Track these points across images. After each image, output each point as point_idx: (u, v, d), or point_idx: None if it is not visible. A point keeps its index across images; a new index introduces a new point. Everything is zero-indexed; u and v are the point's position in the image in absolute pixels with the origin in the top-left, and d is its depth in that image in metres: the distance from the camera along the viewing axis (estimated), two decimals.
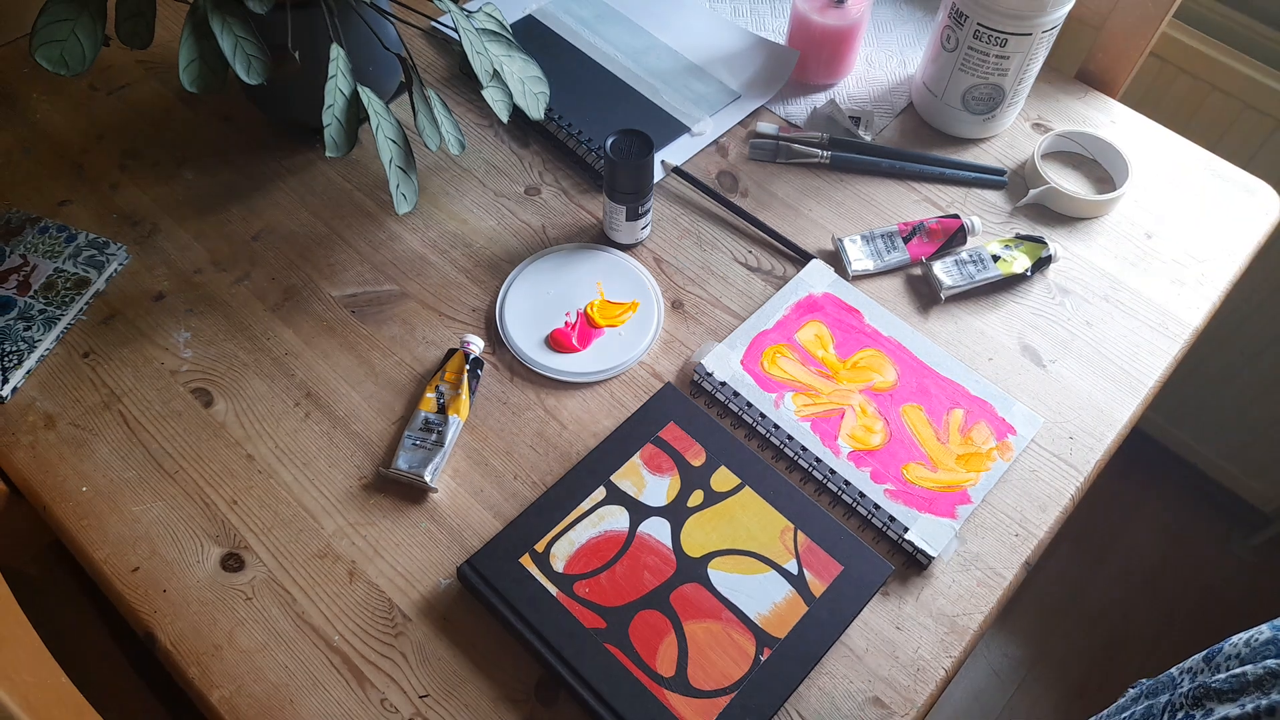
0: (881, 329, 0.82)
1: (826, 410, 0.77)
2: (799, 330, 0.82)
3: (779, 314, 0.82)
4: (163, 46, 0.99)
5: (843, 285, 0.85)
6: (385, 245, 0.88)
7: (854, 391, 0.79)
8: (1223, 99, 1.19)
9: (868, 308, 0.83)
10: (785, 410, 0.77)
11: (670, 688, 0.64)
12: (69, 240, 0.85)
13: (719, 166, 0.95)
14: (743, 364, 0.79)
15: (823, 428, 0.76)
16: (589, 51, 1.02)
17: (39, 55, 0.67)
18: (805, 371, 0.79)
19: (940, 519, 0.72)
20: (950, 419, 0.78)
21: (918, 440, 0.76)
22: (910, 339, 0.82)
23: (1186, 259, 0.90)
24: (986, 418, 0.78)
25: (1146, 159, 0.96)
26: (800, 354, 0.80)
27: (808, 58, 0.99)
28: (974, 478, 0.75)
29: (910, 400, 0.78)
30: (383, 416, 0.78)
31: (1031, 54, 0.89)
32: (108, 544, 0.71)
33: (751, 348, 0.80)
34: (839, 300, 0.83)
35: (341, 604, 0.69)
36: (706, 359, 0.79)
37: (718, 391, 0.77)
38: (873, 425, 0.77)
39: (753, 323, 0.82)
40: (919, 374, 0.80)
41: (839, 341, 0.81)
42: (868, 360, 0.80)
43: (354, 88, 0.76)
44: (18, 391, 0.77)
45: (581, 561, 0.69)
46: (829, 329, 0.82)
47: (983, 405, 0.78)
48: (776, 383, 0.78)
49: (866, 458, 0.75)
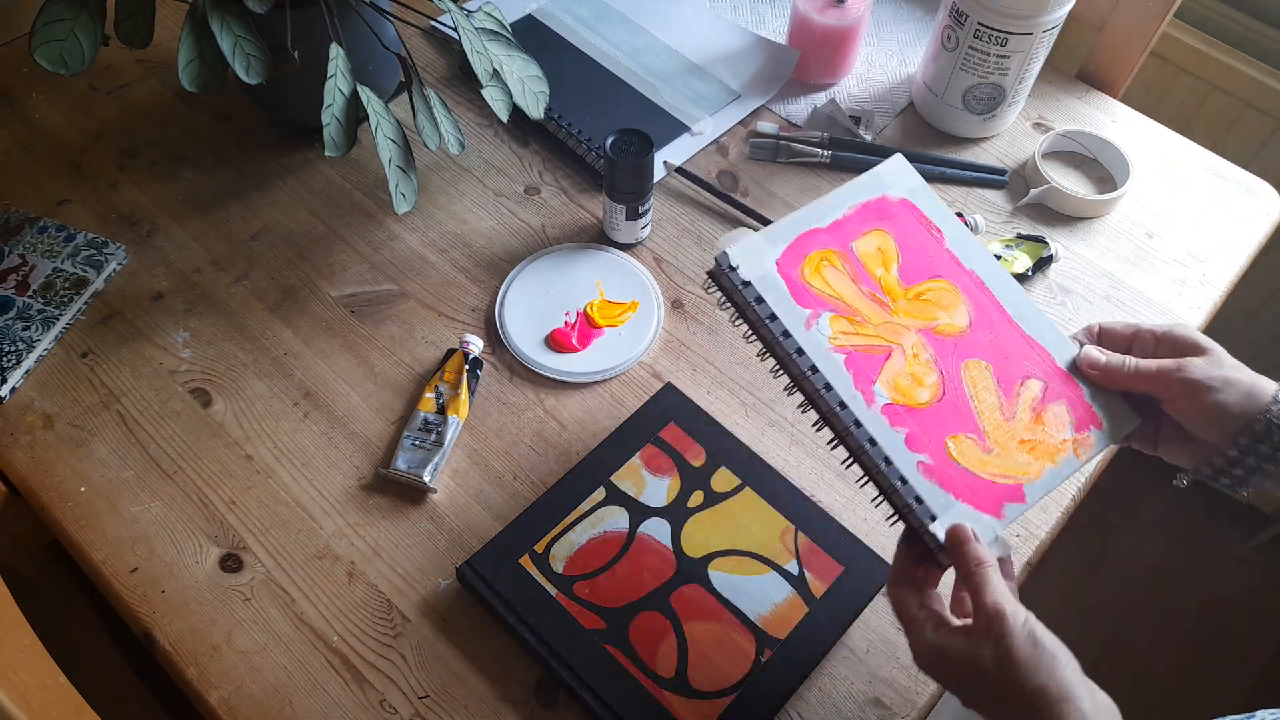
0: (964, 258, 0.65)
1: (870, 344, 0.61)
2: (860, 238, 0.64)
3: (839, 212, 0.64)
4: (162, 46, 0.98)
5: (928, 194, 0.67)
6: (384, 245, 0.88)
7: (910, 329, 0.62)
8: (1224, 98, 1.19)
9: (953, 229, 0.66)
10: (817, 333, 0.60)
11: (670, 689, 0.64)
12: (68, 240, 0.85)
13: (719, 166, 0.95)
14: (778, 265, 0.61)
15: (860, 365, 0.60)
16: (589, 51, 1.02)
17: (38, 55, 0.67)
18: (855, 291, 0.62)
19: (981, 514, 0.57)
20: (1024, 390, 0.62)
21: (976, 408, 0.61)
22: (998, 280, 0.65)
23: (1187, 259, 0.90)
24: (1070, 400, 0.62)
25: (1147, 158, 0.96)
26: (854, 267, 0.63)
27: (808, 57, 0.99)
28: (1036, 470, 0.59)
29: (979, 355, 0.62)
30: (382, 417, 0.78)
31: (1032, 53, 0.88)
32: (106, 544, 0.70)
33: (794, 247, 0.62)
34: (919, 212, 0.66)
35: (340, 605, 0.69)
36: (734, 248, 0.61)
37: (736, 291, 0.60)
38: (924, 376, 0.61)
39: (803, 216, 0.64)
40: (998, 325, 0.63)
41: (906, 263, 0.64)
42: (937, 293, 0.64)
43: (353, 87, 0.75)
44: (16, 391, 0.77)
45: (581, 562, 0.69)
46: (897, 244, 0.64)
47: (1069, 383, 0.62)
48: (815, 296, 0.61)
49: (906, 415, 0.59)
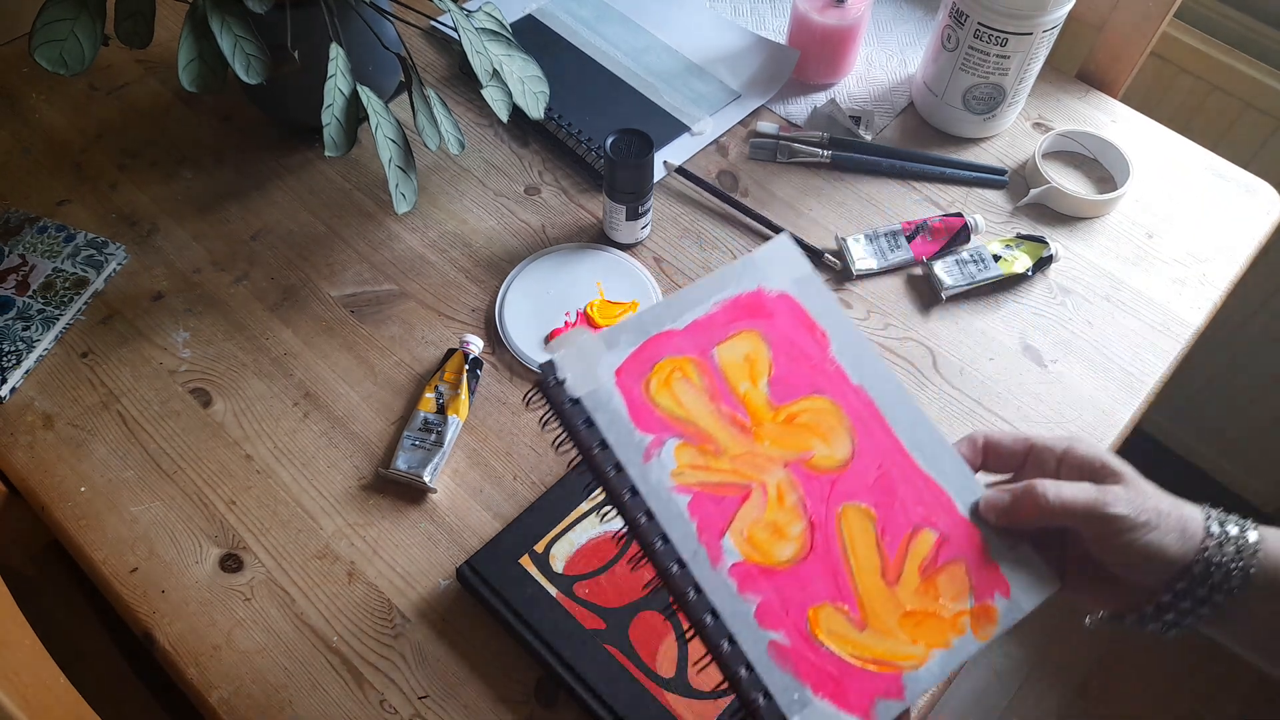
0: (853, 370, 0.52)
1: (724, 482, 0.48)
2: (725, 342, 0.51)
3: (701, 308, 0.52)
4: (162, 46, 0.98)
5: (815, 286, 0.54)
6: (384, 245, 0.88)
7: (777, 462, 0.50)
8: (1224, 99, 1.19)
9: (842, 332, 0.53)
10: (659, 467, 0.48)
11: (670, 689, 0.64)
12: (68, 240, 0.85)
13: (719, 166, 0.95)
14: (618, 376, 0.49)
15: (709, 510, 0.48)
16: (589, 51, 1.02)
17: (38, 55, 0.67)
18: (712, 411, 0.50)
19: (844, 715, 0.45)
20: (914, 545, 0.50)
21: (852, 568, 0.48)
22: (892, 398, 0.53)
23: (1188, 259, 0.90)
24: (971, 560, 0.50)
25: (1147, 159, 0.96)
26: (714, 380, 0.50)
27: (808, 57, 0.99)
28: (921, 655, 0.47)
29: (860, 498, 0.50)
30: (382, 417, 0.77)
31: (1032, 53, 0.88)
32: (106, 544, 0.70)
33: (640, 353, 0.50)
34: (800, 309, 0.53)
35: (340, 605, 0.69)
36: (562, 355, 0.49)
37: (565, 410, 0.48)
38: (788, 526, 0.48)
39: (655, 313, 0.51)
40: (888, 458, 0.51)
41: (780, 375, 0.52)
42: (814, 415, 0.51)
43: (353, 87, 0.75)
44: (16, 391, 0.77)
45: (581, 562, 0.68)
46: (771, 350, 0.52)
47: (972, 535, 0.50)
48: (661, 419, 0.49)
49: (761, 578, 0.47)
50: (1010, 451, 0.52)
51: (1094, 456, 0.50)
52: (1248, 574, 0.47)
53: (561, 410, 0.48)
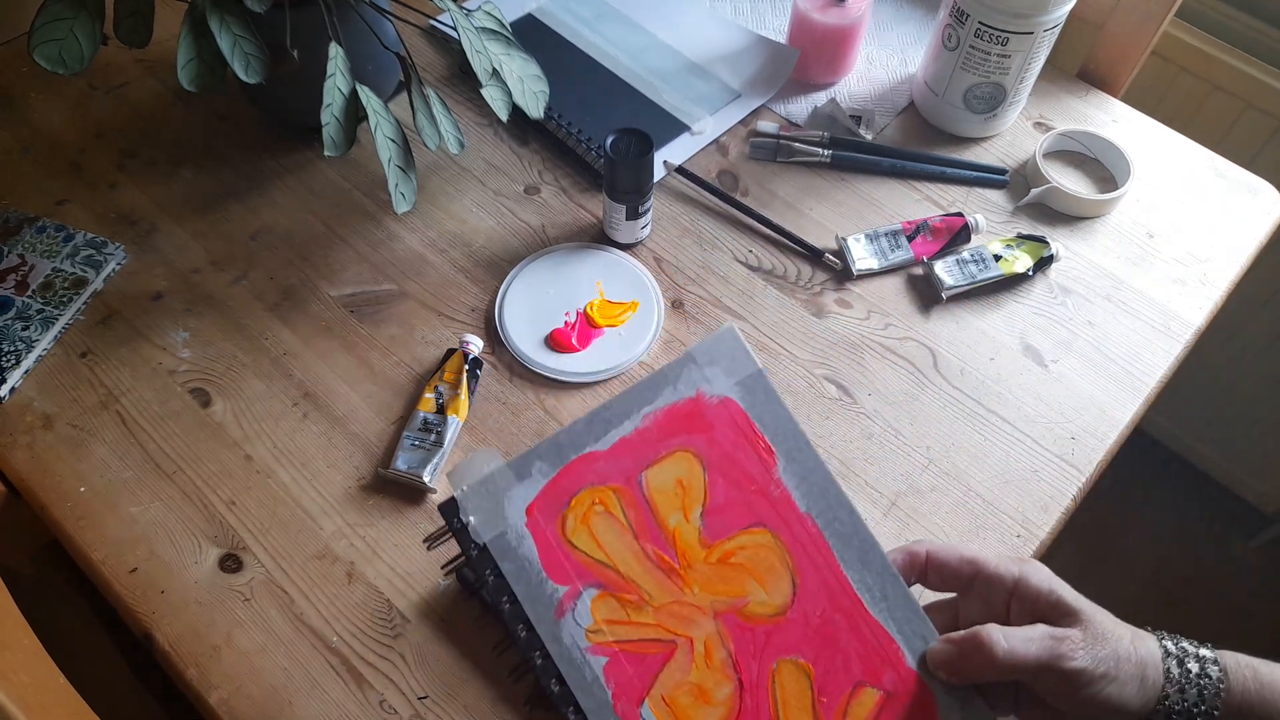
0: (798, 493, 0.46)
1: (646, 639, 0.44)
2: (654, 465, 0.46)
3: (629, 424, 0.46)
4: (161, 45, 0.98)
5: (762, 388, 0.48)
6: (384, 245, 0.88)
7: (707, 612, 0.44)
8: (1225, 98, 1.19)
9: (789, 445, 0.47)
10: (573, 624, 0.44)
11: None
12: (67, 240, 0.85)
13: (719, 165, 0.94)
14: (530, 513, 0.44)
15: (626, 674, 0.43)
16: (589, 50, 1.02)
17: (37, 54, 0.67)
18: (635, 553, 0.45)
19: None
20: (854, 707, 0.44)
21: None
22: (841, 528, 0.46)
23: (1189, 259, 0.90)
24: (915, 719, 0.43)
25: (1149, 158, 0.96)
26: (640, 514, 0.45)
27: (808, 56, 0.99)
28: None
29: (796, 652, 0.44)
30: (381, 417, 0.77)
31: (1033, 53, 0.88)
32: (106, 545, 0.70)
33: (557, 483, 0.45)
34: (744, 418, 0.47)
35: (340, 605, 0.69)
36: (468, 490, 0.44)
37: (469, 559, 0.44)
38: (714, 689, 0.43)
39: (574, 434, 0.46)
40: (833, 601, 0.45)
41: (715, 504, 0.46)
42: (752, 552, 0.46)
43: (353, 86, 0.75)
44: (15, 391, 0.77)
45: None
46: (707, 474, 0.46)
47: (919, 696, 0.45)
48: (576, 564, 0.44)
49: None
50: (955, 572, 0.49)
51: (1048, 591, 0.47)
52: (1213, 717, 0.45)
53: (467, 557, 0.42)
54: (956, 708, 0.46)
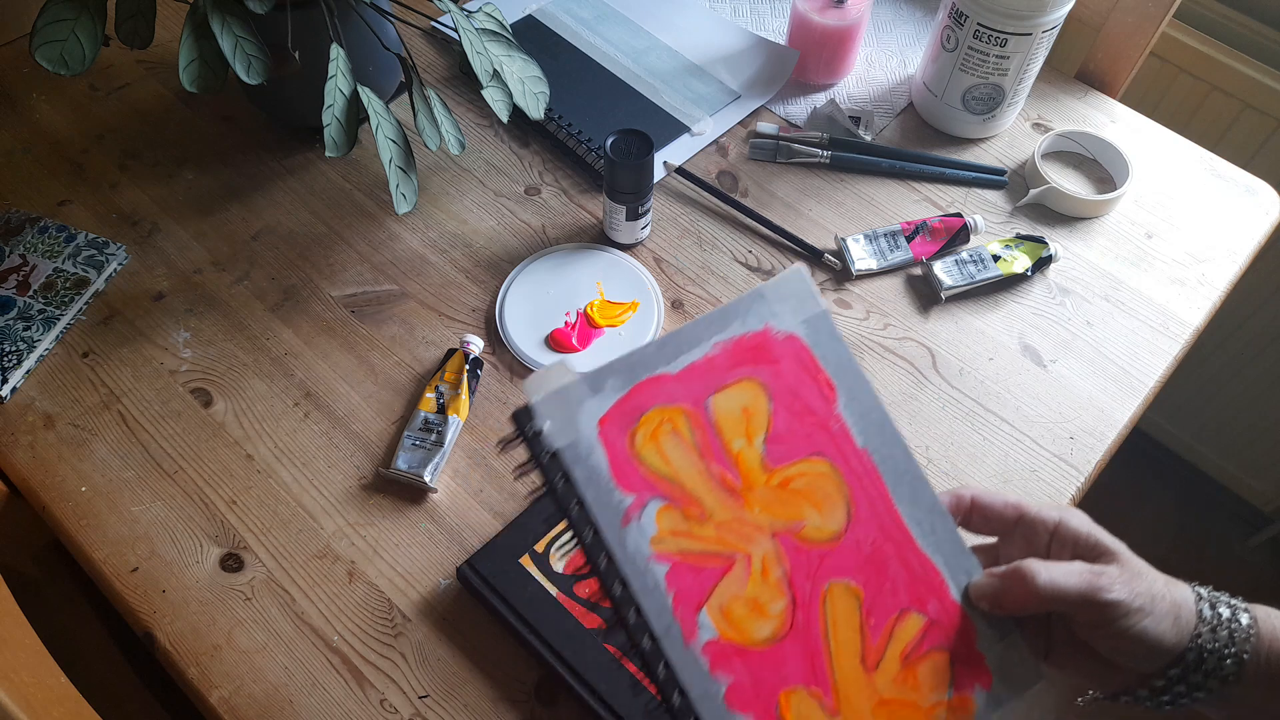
0: (856, 430, 0.49)
1: (707, 551, 0.45)
2: (722, 391, 0.47)
3: (699, 350, 0.47)
4: (162, 46, 0.99)
5: (827, 328, 0.49)
6: (385, 245, 0.88)
7: (765, 531, 0.46)
8: (1223, 99, 1.19)
9: (850, 384, 0.49)
10: (638, 533, 0.44)
11: None
12: (68, 240, 0.85)
13: (719, 166, 0.95)
14: (601, 426, 0.45)
15: (687, 582, 0.45)
16: (589, 51, 1.02)
17: (39, 55, 0.67)
18: (700, 471, 0.46)
19: None
20: (899, 629, 0.47)
21: (830, 650, 0.46)
22: (895, 466, 0.49)
23: (1187, 259, 0.90)
24: (956, 650, 0.48)
25: (1147, 159, 0.96)
26: (706, 436, 0.46)
27: (808, 57, 0.99)
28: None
29: (848, 575, 0.47)
30: (382, 416, 0.78)
31: (1031, 54, 0.88)
32: (107, 544, 0.71)
33: (628, 400, 0.46)
34: (808, 355, 0.49)
35: (341, 604, 0.69)
36: (541, 398, 0.44)
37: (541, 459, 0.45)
38: (769, 603, 0.46)
39: (647, 355, 0.47)
40: (884, 533, 0.48)
41: (778, 432, 0.48)
42: (810, 480, 0.48)
43: (354, 87, 0.76)
44: (17, 391, 0.77)
45: (582, 562, 0.69)
46: (771, 403, 0.48)
47: (960, 622, 0.48)
48: (644, 477, 0.45)
49: (735, 659, 0.44)
50: (999, 516, 0.51)
51: (1087, 533, 0.48)
52: (1241, 660, 0.46)
53: (539, 463, 0.45)
54: (996, 638, 0.48)
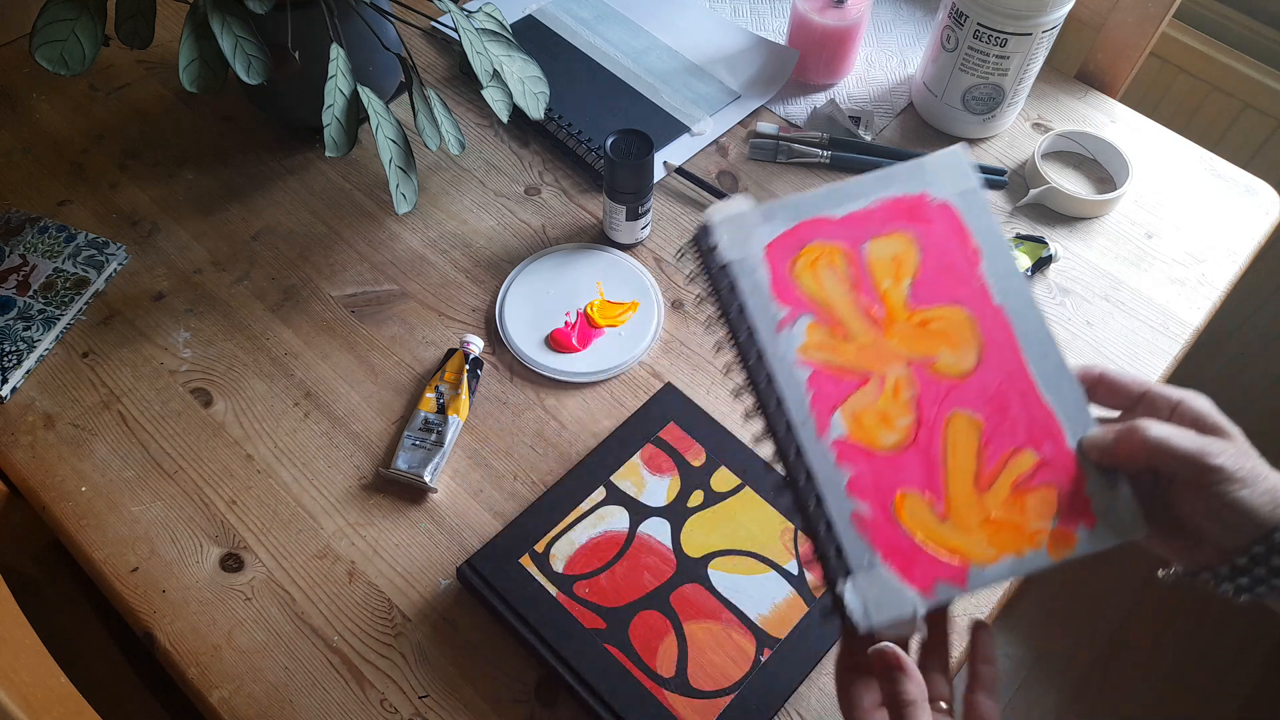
0: (996, 291, 0.54)
1: (846, 365, 0.52)
2: (877, 239, 0.54)
3: (861, 202, 0.54)
4: (162, 46, 0.99)
5: (978, 202, 0.55)
6: (385, 245, 0.88)
7: (900, 358, 0.52)
8: (1223, 99, 1.19)
9: (996, 253, 0.54)
10: (788, 339, 0.52)
11: (670, 688, 0.64)
12: (68, 240, 0.85)
13: (719, 166, 0.95)
14: (768, 250, 0.53)
15: (826, 386, 0.51)
16: (589, 51, 1.02)
17: (39, 55, 0.67)
18: (849, 299, 0.53)
19: (906, 585, 0.49)
20: (1013, 462, 0.51)
21: (947, 467, 0.51)
22: (1028, 325, 0.53)
23: (1187, 259, 0.90)
24: (1065, 489, 0.51)
25: (1147, 159, 0.96)
26: (857, 271, 0.53)
27: (808, 58, 0.99)
28: (990, 555, 0.50)
29: (972, 407, 0.52)
30: (382, 416, 0.78)
31: (1031, 54, 0.88)
32: (107, 544, 0.71)
33: (794, 233, 0.53)
34: (959, 222, 0.55)
35: (341, 604, 0.69)
36: (721, 220, 0.53)
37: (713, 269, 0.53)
38: (896, 418, 0.51)
39: (815, 198, 0.54)
40: (1010, 380, 0.53)
41: (923, 280, 0.53)
42: (947, 324, 0.53)
43: (354, 87, 0.76)
44: (17, 391, 0.77)
45: (581, 562, 0.69)
46: (921, 256, 0.54)
47: (1070, 466, 0.52)
48: (799, 296, 0.52)
49: (860, 456, 0.50)
50: (1124, 390, 0.53)
51: (1207, 413, 0.50)
52: None
53: (710, 271, 0.53)
54: (1105, 486, 0.51)
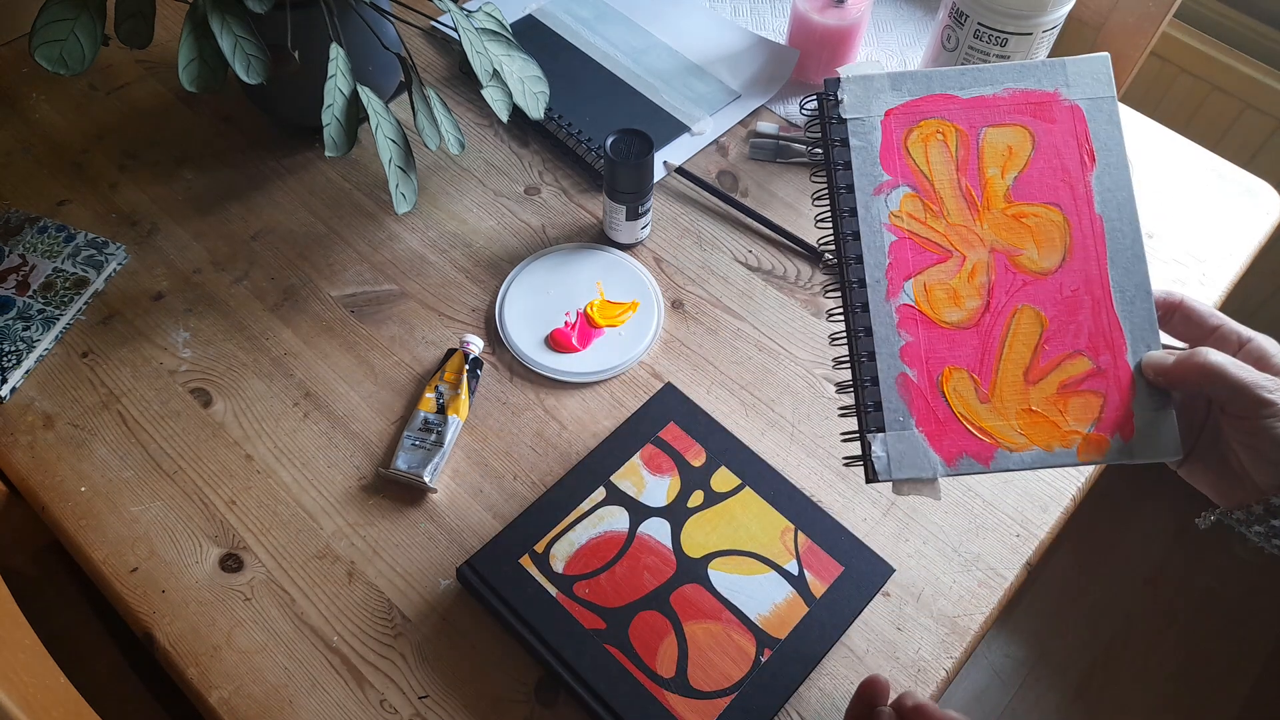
0: (1101, 200, 0.55)
1: (932, 240, 0.54)
2: (996, 126, 0.56)
3: (991, 88, 0.56)
4: (162, 46, 0.99)
5: (1109, 112, 0.57)
6: (385, 245, 0.88)
7: (985, 245, 0.54)
8: (1223, 99, 1.19)
9: (1111, 163, 0.56)
10: (882, 203, 0.54)
11: (670, 689, 0.64)
12: (68, 240, 0.85)
13: (719, 166, 0.95)
14: (888, 115, 0.55)
15: (906, 255, 0.54)
16: (589, 51, 1.02)
17: (38, 55, 0.67)
18: (951, 178, 0.55)
19: (931, 451, 0.52)
20: (1067, 364, 0.53)
21: (1001, 354, 0.54)
22: (1122, 238, 0.55)
23: (1188, 259, 0.90)
24: (1111, 398, 0.53)
25: (1147, 159, 0.96)
26: (967, 155, 0.55)
27: (808, 57, 0.99)
28: (1020, 444, 0.52)
29: (1041, 305, 0.54)
30: (382, 416, 0.78)
31: (1032, 53, 0.88)
32: (106, 544, 0.70)
33: (917, 105, 0.55)
34: (1085, 127, 0.56)
35: (340, 605, 0.69)
36: (851, 78, 0.55)
37: (830, 121, 0.55)
38: (966, 299, 0.54)
39: (946, 76, 0.56)
40: (1088, 286, 0.54)
41: (1029, 176, 0.55)
42: (1040, 221, 0.55)
43: (353, 87, 0.75)
44: (16, 391, 0.77)
45: (581, 562, 0.69)
46: (1035, 152, 0.55)
47: (1125, 383, 0.53)
48: (904, 166, 0.55)
49: (920, 325, 0.53)
50: (1200, 322, 0.54)
51: (1272, 354, 0.51)
52: None
53: (830, 121, 0.55)
54: (1153, 406, 0.53)
